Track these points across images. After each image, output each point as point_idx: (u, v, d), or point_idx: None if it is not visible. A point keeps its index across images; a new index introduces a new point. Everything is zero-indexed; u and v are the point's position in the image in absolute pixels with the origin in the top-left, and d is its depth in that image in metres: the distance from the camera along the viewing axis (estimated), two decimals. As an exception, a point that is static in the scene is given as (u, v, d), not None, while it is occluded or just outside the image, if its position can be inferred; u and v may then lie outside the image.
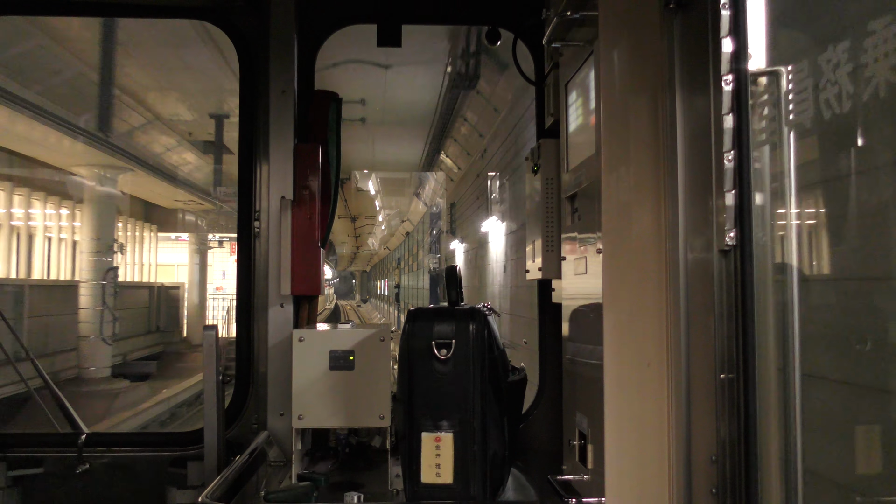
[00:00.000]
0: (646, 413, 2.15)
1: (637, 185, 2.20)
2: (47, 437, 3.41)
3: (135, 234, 27.91)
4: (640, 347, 2.16)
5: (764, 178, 1.78)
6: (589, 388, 2.44)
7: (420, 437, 2.59)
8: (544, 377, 3.35)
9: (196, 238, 28.76)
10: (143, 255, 28.88)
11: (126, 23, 11.19)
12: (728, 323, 1.86)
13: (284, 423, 3.12)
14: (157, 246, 30.70)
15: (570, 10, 2.44)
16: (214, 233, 31.25)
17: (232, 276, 36.29)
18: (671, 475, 2.10)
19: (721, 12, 1.87)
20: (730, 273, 1.86)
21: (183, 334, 25.97)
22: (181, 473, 3.24)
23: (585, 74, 2.53)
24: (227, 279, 36.20)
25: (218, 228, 30.55)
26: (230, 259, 35.28)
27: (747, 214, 1.81)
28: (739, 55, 1.83)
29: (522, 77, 3.47)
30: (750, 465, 1.78)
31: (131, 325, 21.29)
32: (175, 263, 31.16)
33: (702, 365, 2.00)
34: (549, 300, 3.27)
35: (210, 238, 30.56)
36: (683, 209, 2.09)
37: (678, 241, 2.09)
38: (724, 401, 1.87)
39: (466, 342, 2.64)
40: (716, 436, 1.91)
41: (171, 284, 27.03)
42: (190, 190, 23.89)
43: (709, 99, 1.94)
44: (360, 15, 3.50)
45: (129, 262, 26.86)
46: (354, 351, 2.80)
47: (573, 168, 2.72)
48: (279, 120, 3.24)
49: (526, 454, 3.19)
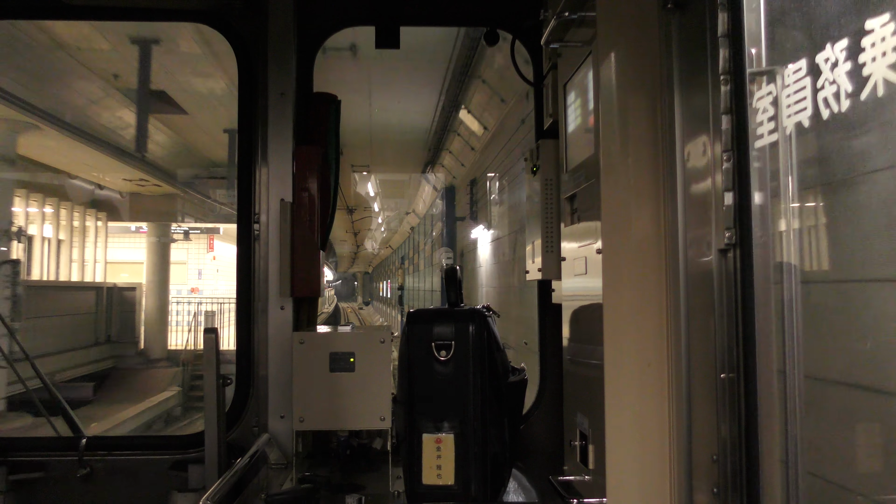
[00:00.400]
0: (646, 413, 2.15)
1: (636, 185, 2.20)
2: (48, 442, 3.40)
3: (75, 222, 23.89)
4: (640, 347, 2.16)
5: (763, 178, 1.78)
6: (589, 388, 2.44)
7: (421, 439, 2.59)
8: (545, 377, 3.35)
9: (157, 229, 23.73)
10: (92, 250, 24.72)
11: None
12: (728, 322, 1.86)
13: (285, 425, 3.12)
14: (106, 238, 25.95)
15: (568, 10, 2.44)
16: (183, 223, 26.40)
17: (209, 276, 32.40)
18: (672, 475, 2.10)
19: (719, 12, 1.87)
20: (729, 272, 1.86)
21: (140, 345, 21.41)
22: (182, 476, 3.23)
23: (584, 75, 2.53)
24: (204, 279, 33.04)
25: (190, 218, 25.63)
26: (208, 256, 32.40)
27: (746, 213, 1.81)
28: (737, 55, 1.83)
29: (521, 78, 3.48)
30: (751, 465, 1.78)
31: (70, 335, 17.49)
32: (142, 261, 25.10)
33: (702, 364, 2.00)
34: (549, 300, 3.27)
35: (174, 230, 25.29)
36: (682, 209, 2.09)
37: (677, 240, 2.09)
38: (725, 400, 1.87)
39: (466, 343, 2.64)
40: (717, 435, 1.91)
41: (126, 285, 22.55)
42: (143, 167, 18.21)
43: (707, 98, 1.95)
44: (359, 17, 3.50)
45: (82, 260, 24.05)
46: (355, 353, 2.80)
47: (572, 168, 2.72)
48: (278, 122, 3.24)
49: (527, 455, 3.19)
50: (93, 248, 24.86)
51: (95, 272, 25.40)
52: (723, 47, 1.86)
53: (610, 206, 2.23)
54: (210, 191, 21.62)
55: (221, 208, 22.80)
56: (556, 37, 2.61)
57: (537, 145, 3.11)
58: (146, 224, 24.13)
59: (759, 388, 1.78)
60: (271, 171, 3.23)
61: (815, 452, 1.61)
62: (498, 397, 2.68)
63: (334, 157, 3.38)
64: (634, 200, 2.20)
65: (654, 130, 2.20)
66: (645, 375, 2.15)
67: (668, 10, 2.14)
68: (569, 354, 2.82)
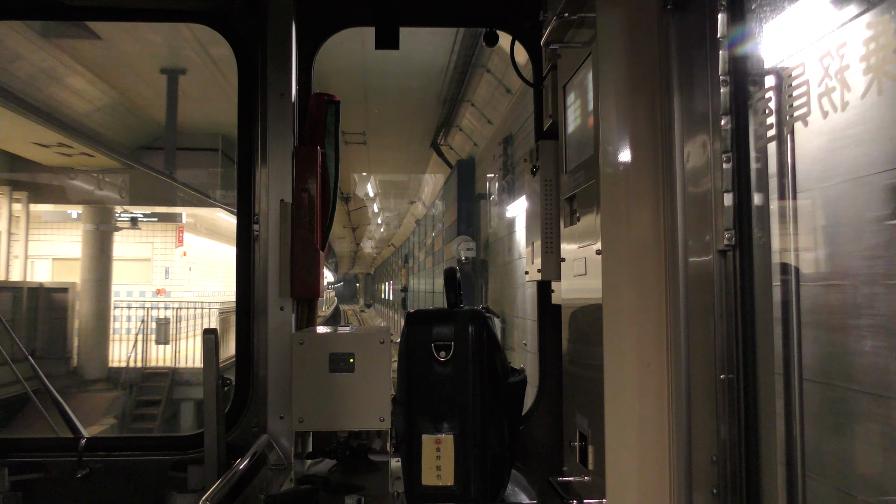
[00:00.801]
0: (646, 414, 2.15)
1: (636, 186, 2.20)
2: (48, 442, 3.40)
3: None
4: (639, 348, 2.16)
5: (763, 179, 1.78)
6: (589, 389, 2.44)
7: (420, 440, 2.59)
8: (544, 378, 3.35)
9: (94, 215, 18.42)
10: (5, 240, 18.86)
11: None
12: (728, 323, 1.86)
13: (285, 426, 3.12)
14: (27, 224, 20.02)
15: (567, 11, 2.44)
16: (131, 206, 20.09)
17: (179, 275, 26.16)
18: (672, 475, 2.10)
19: (718, 13, 1.88)
20: (729, 273, 1.86)
21: (72, 363, 16.96)
22: (181, 477, 3.23)
23: (583, 76, 2.53)
24: (173, 280, 25.86)
25: (139, 200, 19.08)
26: (177, 252, 25.87)
27: (746, 215, 1.81)
28: (737, 56, 1.84)
29: (521, 78, 3.48)
30: (750, 465, 1.78)
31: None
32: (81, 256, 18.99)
33: (702, 365, 2.00)
34: (548, 301, 3.27)
35: (119, 216, 19.82)
36: (682, 210, 2.09)
37: (677, 241, 2.09)
38: (725, 401, 1.87)
39: (466, 344, 2.64)
40: (716, 436, 1.91)
41: (55, 285, 17.53)
42: (59, 127, 13.23)
43: (707, 100, 1.95)
44: (359, 18, 3.51)
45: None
46: (354, 353, 2.80)
47: (572, 169, 2.72)
48: (278, 123, 3.24)
49: (526, 456, 3.19)
50: (6, 238, 19.14)
51: (10, 269, 19.52)
52: (722, 48, 1.87)
53: (609, 207, 2.23)
54: (174, 170, 15.85)
55: (186, 193, 17.94)
56: (555, 37, 2.62)
57: (537, 146, 3.11)
58: (80, 208, 18.85)
59: (759, 389, 1.78)
60: (271, 172, 3.23)
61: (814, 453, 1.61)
62: (498, 398, 2.68)
63: (334, 157, 3.38)
64: (634, 201, 2.21)
65: (653, 131, 2.20)
66: (644, 376, 2.15)
67: (668, 12, 2.14)
68: (568, 355, 2.82)
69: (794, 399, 1.64)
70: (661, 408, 2.14)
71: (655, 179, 2.19)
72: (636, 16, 2.23)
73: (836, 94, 1.48)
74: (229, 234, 25.50)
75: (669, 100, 2.14)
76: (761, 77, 1.77)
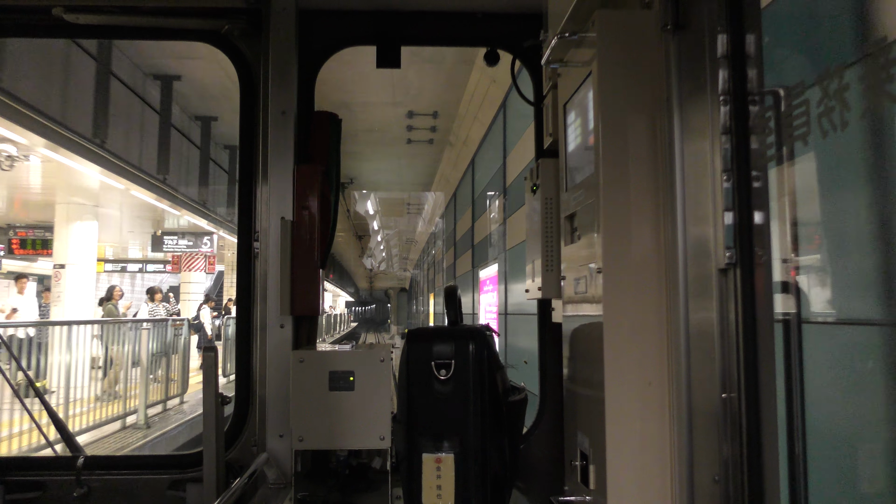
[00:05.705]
0: (647, 432, 2.14)
1: (636, 204, 2.21)
2: (46, 461, 3.38)
3: None
4: (640, 366, 2.16)
5: (763, 197, 1.78)
6: (590, 407, 2.43)
7: (420, 459, 2.58)
8: (545, 397, 3.34)
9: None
10: None
11: None
12: (729, 342, 1.86)
13: (284, 444, 3.10)
14: None
15: (568, 31, 2.46)
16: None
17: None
18: (674, 495, 2.09)
19: (718, 33, 1.89)
20: (730, 292, 1.86)
21: None
22: (180, 496, 3.21)
23: (584, 95, 2.55)
24: None
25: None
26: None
27: (747, 233, 1.82)
28: (737, 75, 1.85)
29: (522, 98, 3.50)
30: (753, 485, 1.77)
31: None
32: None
33: (703, 384, 2.00)
34: (549, 320, 3.27)
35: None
36: (682, 228, 2.10)
37: (677, 259, 2.10)
38: (727, 420, 1.86)
39: (466, 362, 2.63)
40: (718, 455, 1.90)
41: None
42: None
43: (707, 119, 1.96)
44: (360, 37, 3.53)
45: None
46: (354, 371, 2.79)
47: (572, 188, 2.73)
48: (279, 141, 3.25)
49: (527, 475, 3.17)
50: None
51: None
52: (722, 68, 1.88)
53: (610, 225, 2.24)
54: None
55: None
56: (556, 57, 2.63)
57: (537, 164, 3.12)
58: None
59: (761, 408, 1.78)
60: (272, 190, 3.24)
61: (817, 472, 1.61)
62: (498, 416, 2.67)
63: (335, 175, 3.39)
64: (634, 220, 2.21)
65: (653, 150, 2.21)
66: (646, 394, 2.15)
67: (668, 31, 2.15)
68: (569, 373, 2.82)
69: (797, 417, 1.63)
70: (663, 427, 2.13)
71: (656, 198, 2.20)
72: (636, 35, 2.25)
73: (835, 113, 1.49)
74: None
75: (669, 119, 2.15)
76: (761, 96, 1.79)
